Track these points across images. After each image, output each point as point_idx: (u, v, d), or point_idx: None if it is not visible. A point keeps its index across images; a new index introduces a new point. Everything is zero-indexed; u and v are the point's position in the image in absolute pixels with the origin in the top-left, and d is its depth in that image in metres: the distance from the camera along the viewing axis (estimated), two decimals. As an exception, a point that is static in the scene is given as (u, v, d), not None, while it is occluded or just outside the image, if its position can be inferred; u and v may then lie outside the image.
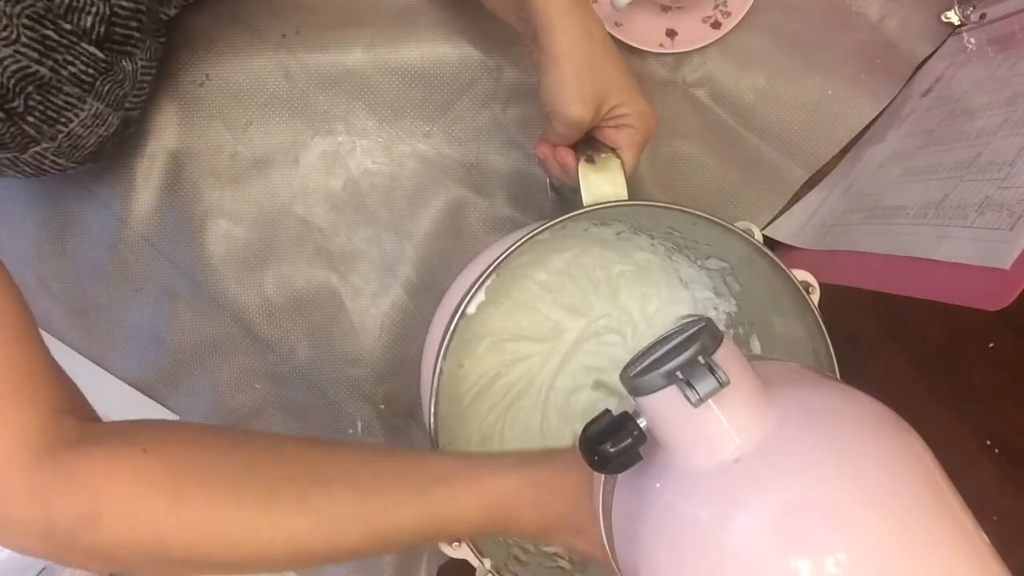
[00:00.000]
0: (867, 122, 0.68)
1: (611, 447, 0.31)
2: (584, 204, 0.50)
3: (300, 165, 0.66)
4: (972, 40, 0.64)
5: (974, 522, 0.28)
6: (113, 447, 0.36)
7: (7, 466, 0.34)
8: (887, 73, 0.68)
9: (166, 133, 0.65)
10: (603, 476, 0.38)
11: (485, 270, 0.49)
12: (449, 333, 0.49)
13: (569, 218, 0.50)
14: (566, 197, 0.61)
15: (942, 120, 0.61)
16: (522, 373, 0.63)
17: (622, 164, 0.51)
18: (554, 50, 0.48)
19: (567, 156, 0.52)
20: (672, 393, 0.29)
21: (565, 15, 0.48)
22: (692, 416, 0.29)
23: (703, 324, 0.31)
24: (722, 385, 0.28)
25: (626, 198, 0.50)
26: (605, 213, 0.52)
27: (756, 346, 0.61)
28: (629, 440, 0.31)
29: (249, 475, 0.38)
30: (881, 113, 0.68)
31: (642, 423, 0.31)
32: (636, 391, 0.30)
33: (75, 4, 0.49)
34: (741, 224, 0.52)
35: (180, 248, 0.65)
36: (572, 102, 0.49)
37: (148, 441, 0.37)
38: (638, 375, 0.30)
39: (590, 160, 0.51)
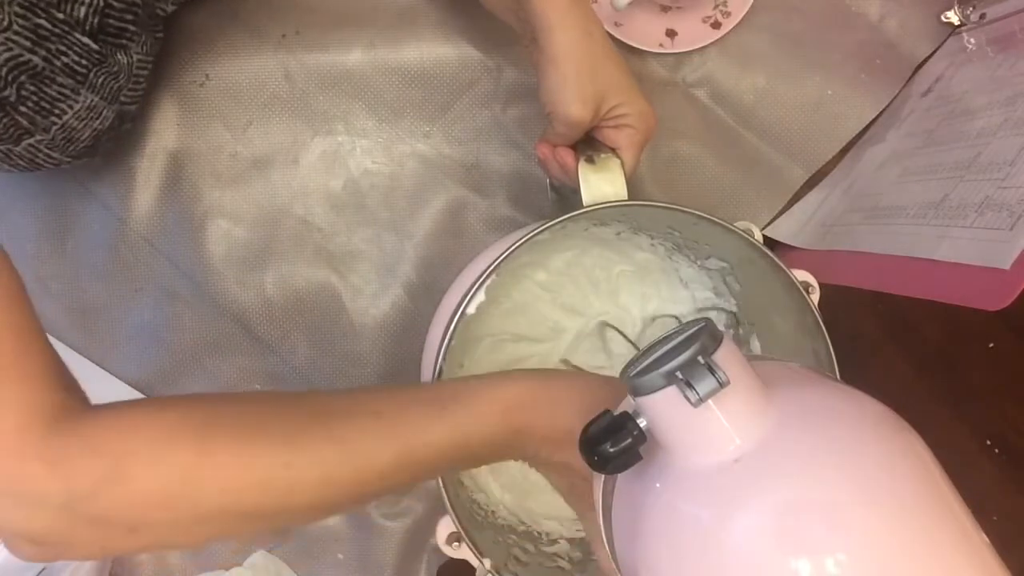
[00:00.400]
0: (867, 122, 0.68)
1: (611, 447, 0.31)
2: (584, 204, 0.50)
3: (300, 165, 0.66)
4: (972, 40, 0.64)
5: (974, 522, 0.28)
6: (129, 406, 0.35)
7: (19, 438, 0.32)
8: (887, 73, 0.68)
9: (166, 133, 0.65)
10: (603, 476, 0.37)
11: (485, 270, 0.49)
12: (449, 333, 0.49)
13: (569, 218, 0.50)
14: (566, 197, 0.61)
15: (942, 120, 0.61)
16: (522, 373, 0.63)
17: (622, 164, 0.51)
18: (553, 50, 0.48)
19: (567, 156, 0.52)
20: (672, 393, 0.29)
21: (564, 15, 0.48)
22: (692, 416, 0.29)
23: (703, 324, 0.31)
24: (722, 385, 0.28)
25: (626, 198, 0.50)
26: (605, 213, 0.52)
27: (756, 346, 0.61)
28: (629, 440, 0.31)
29: (274, 417, 0.37)
30: (881, 113, 0.68)
31: (642, 423, 0.31)
32: (636, 391, 0.30)
33: None
34: (741, 224, 0.52)
35: (180, 248, 0.65)
36: (572, 102, 0.49)
37: (165, 400, 0.36)
38: (638, 375, 0.30)
39: (590, 160, 0.51)
